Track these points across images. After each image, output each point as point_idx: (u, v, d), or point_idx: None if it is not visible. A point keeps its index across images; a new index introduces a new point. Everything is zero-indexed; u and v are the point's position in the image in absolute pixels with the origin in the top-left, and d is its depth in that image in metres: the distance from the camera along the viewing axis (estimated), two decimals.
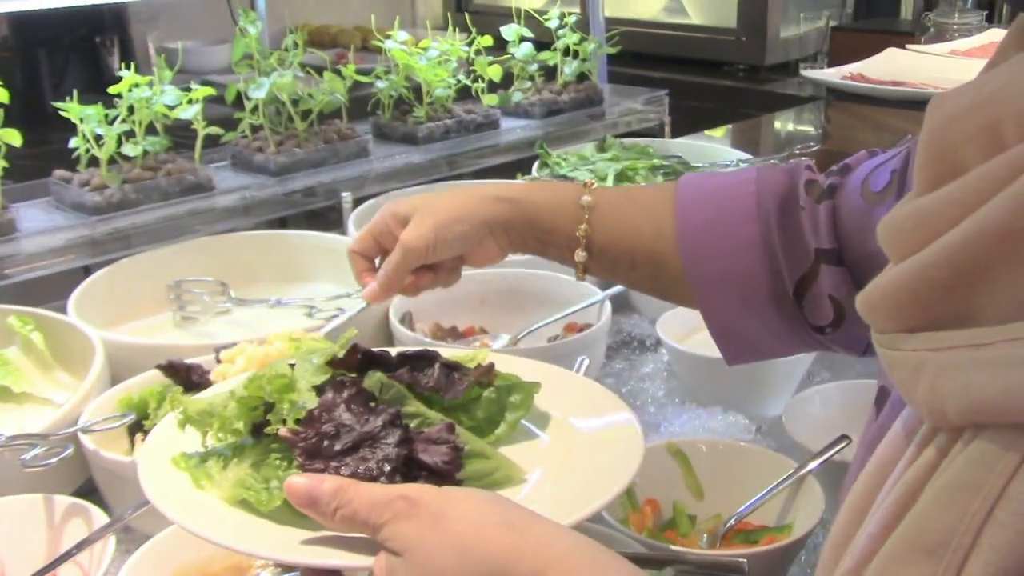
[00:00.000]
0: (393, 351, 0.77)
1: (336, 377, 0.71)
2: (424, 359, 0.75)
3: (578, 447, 0.74)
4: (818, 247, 0.81)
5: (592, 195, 0.89)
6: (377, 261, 0.93)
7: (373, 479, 0.63)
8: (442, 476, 0.66)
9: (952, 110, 0.43)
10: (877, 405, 0.63)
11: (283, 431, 0.67)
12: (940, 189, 0.42)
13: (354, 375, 0.73)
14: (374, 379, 0.71)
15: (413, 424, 0.69)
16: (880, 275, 0.45)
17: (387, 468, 0.64)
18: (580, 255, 0.89)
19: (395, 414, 0.68)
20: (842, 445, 0.94)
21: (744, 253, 0.83)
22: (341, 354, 0.74)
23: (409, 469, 0.65)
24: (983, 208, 0.39)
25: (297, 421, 0.67)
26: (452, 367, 0.76)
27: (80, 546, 0.84)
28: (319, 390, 0.70)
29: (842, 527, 0.47)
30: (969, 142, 0.41)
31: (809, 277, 0.82)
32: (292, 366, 0.73)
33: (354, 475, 0.64)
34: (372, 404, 0.69)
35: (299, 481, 0.61)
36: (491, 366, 0.77)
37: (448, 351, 0.80)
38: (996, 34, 2.75)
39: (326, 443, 0.66)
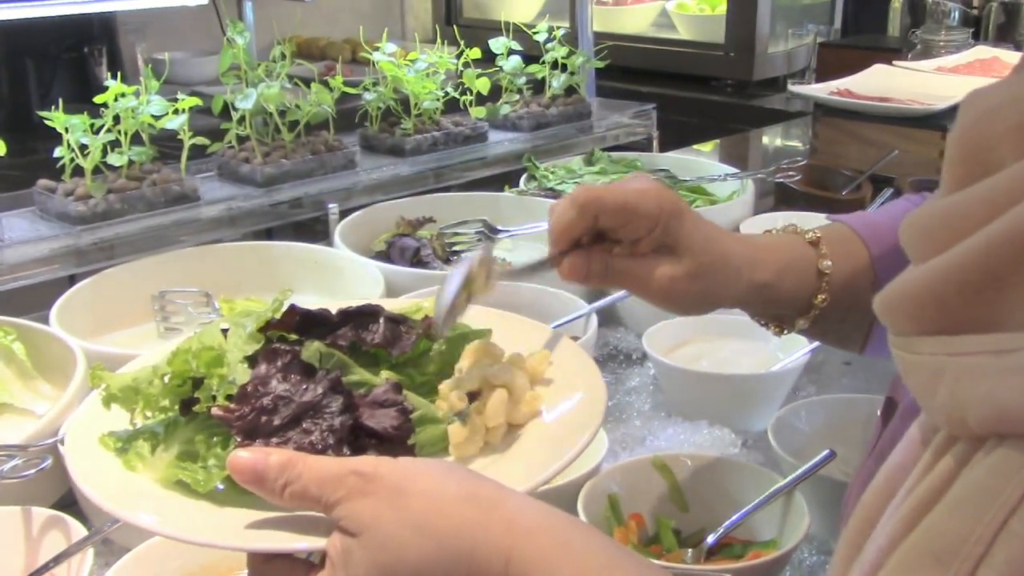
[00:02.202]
0: (333, 308, 0.72)
1: (269, 345, 0.66)
2: (367, 315, 0.71)
3: (537, 402, 0.69)
4: None
5: (828, 258, 0.81)
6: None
7: (319, 453, 0.59)
8: (392, 442, 0.62)
9: (986, 107, 0.41)
10: (884, 417, 0.62)
11: (216, 410, 0.62)
12: (969, 188, 0.40)
13: (294, 337, 0.68)
14: (312, 349, 0.66)
15: (360, 392, 0.65)
16: (901, 275, 0.44)
17: (332, 440, 0.60)
18: (801, 323, 0.83)
19: (336, 379, 0.63)
20: (828, 460, 0.94)
21: None
22: (277, 316, 0.69)
23: (356, 437, 0.62)
24: (1014, 209, 0.37)
25: (229, 397, 0.62)
26: (397, 320, 0.71)
27: (58, 559, 0.83)
28: (251, 361, 0.64)
29: (851, 537, 0.45)
30: (1002, 140, 0.40)
31: None
32: (226, 331, 0.68)
33: (299, 450, 0.59)
34: (310, 371, 0.64)
35: (243, 456, 0.57)
36: None
37: (392, 303, 0.75)
38: (982, 51, 2.77)
39: (264, 419, 0.61)
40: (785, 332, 0.86)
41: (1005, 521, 0.36)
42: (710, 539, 0.92)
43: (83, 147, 1.40)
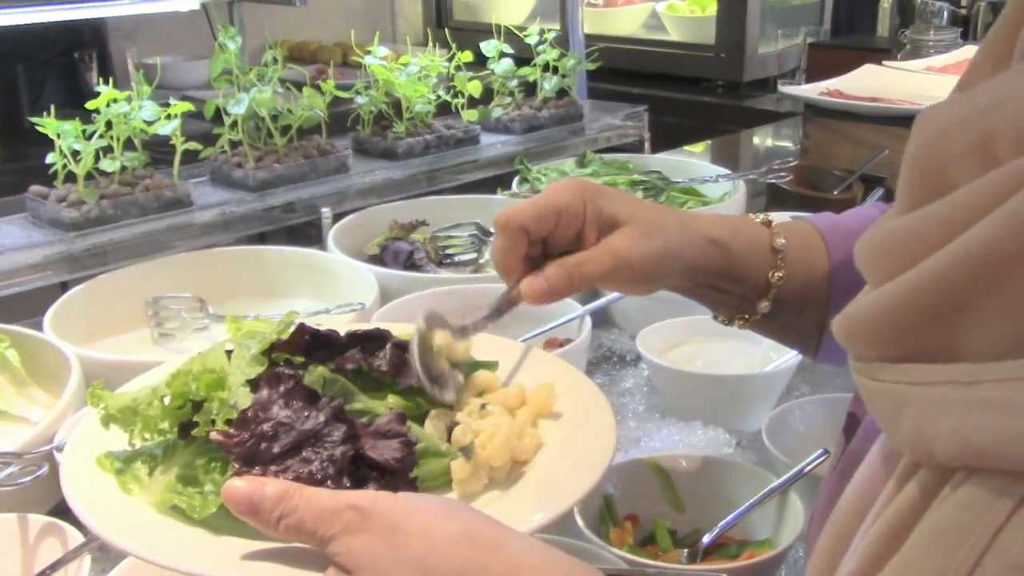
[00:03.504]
0: (342, 330, 0.71)
1: (273, 369, 0.65)
2: (375, 339, 0.70)
3: (544, 436, 0.69)
4: None
5: (782, 235, 0.81)
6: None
7: (318, 483, 0.58)
8: (395, 475, 0.61)
9: (942, 123, 0.40)
10: (846, 433, 0.61)
11: (214, 434, 0.61)
12: (926, 207, 0.39)
13: (301, 359, 0.67)
14: (316, 375, 0.65)
15: (362, 421, 0.64)
16: (858, 298, 0.43)
17: (332, 471, 0.59)
18: (764, 305, 0.81)
19: (338, 407, 0.62)
20: (822, 459, 0.95)
21: None
22: (284, 337, 0.68)
23: (357, 468, 0.61)
24: (971, 229, 0.36)
25: (229, 422, 0.61)
26: (404, 347, 0.70)
27: (55, 566, 0.83)
28: (254, 384, 0.63)
29: (824, 555, 0.44)
30: (959, 158, 0.38)
31: None
32: (230, 353, 0.67)
33: (297, 479, 0.58)
34: (313, 397, 0.63)
35: (238, 485, 0.56)
36: None
37: (399, 329, 0.74)
38: (971, 51, 2.77)
39: (263, 445, 0.59)
40: (748, 320, 0.83)
41: (979, 560, 0.36)
42: (706, 539, 0.92)
43: (75, 153, 1.40)
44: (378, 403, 0.67)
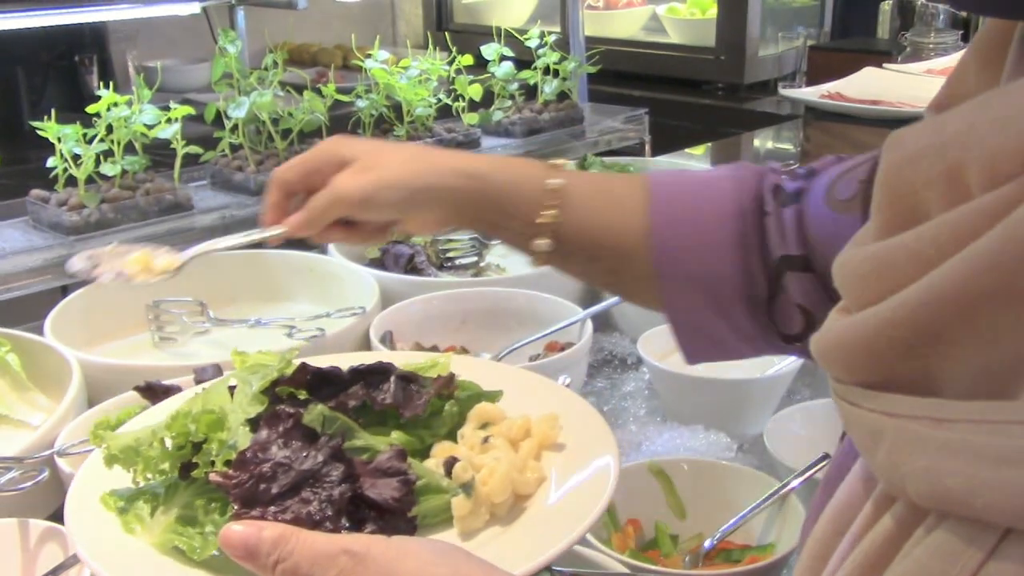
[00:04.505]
0: (344, 365, 0.72)
1: (274, 407, 0.65)
2: (378, 373, 0.70)
3: (545, 468, 0.68)
4: (784, 253, 0.77)
5: (562, 177, 0.82)
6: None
7: (317, 524, 0.59)
8: (393, 514, 0.61)
9: (911, 149, 0.39)
10: (843, 438, 0.61)
11: (214, 476, 0.61)
12: (899, 236, 0.39)
13: (304, 395, 0.67)
14: (315, 413, 0.65)
15: (363, 458, 0.64)
16: (834, 319, 0.42)
17: (330, 511, 0.59)
18: (540, 244, 0.82)
19: (336, 447, 0.62)
20: (823, 463, 0.94)
21: (720, 252, 0.79)
22: (288, 373, 0.68)
23: (356, 508, 0.61)
24: (944, 265, 0.36)
25: (228, 462, 0.61)
26: (409, 379, 0.70)
27: (55, 572, 0.83)
28: (254, 423, 0.63)
29: (805, 573, 0.44)
30: (929, 186, 0.38)
31: (775, 286, 0.78)
32: (233, 389, 0.68)
33: (296, 520, 0.58)
34: (312, 436, 0.63)
35: (236, 530, 0.56)
36: (451, 377, 0.72)
37: (404, 359, 0.75)
38: None
39: (262, 486, 0.59)
40: (539, 261, 0.84)
41: None
42: (707, 544, 0.92)
43: (76, 157, 1.40)
44: (380, 439, 0.67)
